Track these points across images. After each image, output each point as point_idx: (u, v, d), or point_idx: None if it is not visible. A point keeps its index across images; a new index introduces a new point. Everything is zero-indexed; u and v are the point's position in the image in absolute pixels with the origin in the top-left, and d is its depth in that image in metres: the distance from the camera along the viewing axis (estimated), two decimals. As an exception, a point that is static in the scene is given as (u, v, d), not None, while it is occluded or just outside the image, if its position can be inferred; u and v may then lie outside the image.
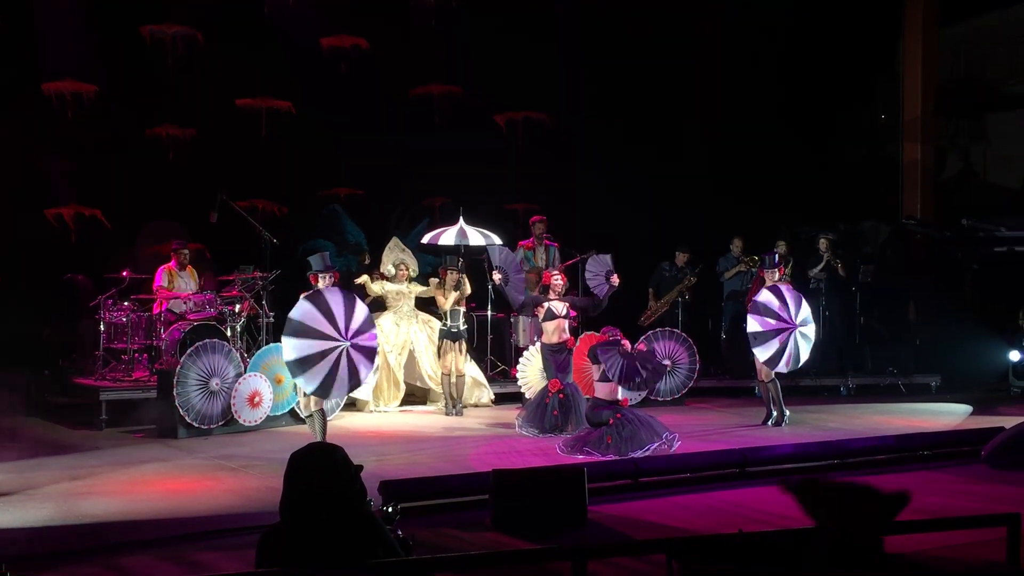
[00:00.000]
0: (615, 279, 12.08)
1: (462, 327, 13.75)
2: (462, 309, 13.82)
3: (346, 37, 17.94)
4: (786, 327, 12.27)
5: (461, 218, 14.82)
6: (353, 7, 17.72)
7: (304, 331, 9.89)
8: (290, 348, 9.91)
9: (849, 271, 16.20)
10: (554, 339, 12.21)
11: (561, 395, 12.00)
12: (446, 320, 13.72)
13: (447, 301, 13.74)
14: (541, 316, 12.30)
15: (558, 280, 12.44)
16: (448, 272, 13.82)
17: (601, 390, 10.98)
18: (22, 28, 15.61)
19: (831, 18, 19.06)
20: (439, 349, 13.85)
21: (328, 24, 17.77)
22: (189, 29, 16.87)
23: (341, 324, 9.99)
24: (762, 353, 12.33)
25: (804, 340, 12.44)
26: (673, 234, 16.45)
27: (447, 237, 14.81)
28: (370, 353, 10.37)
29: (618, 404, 10.94)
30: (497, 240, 14.69)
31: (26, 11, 15.65)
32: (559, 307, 12.22)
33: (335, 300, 10.10)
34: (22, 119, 15.64)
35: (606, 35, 18.05)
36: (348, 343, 10.01)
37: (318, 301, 10.03)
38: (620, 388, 10.95)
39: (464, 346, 13.83)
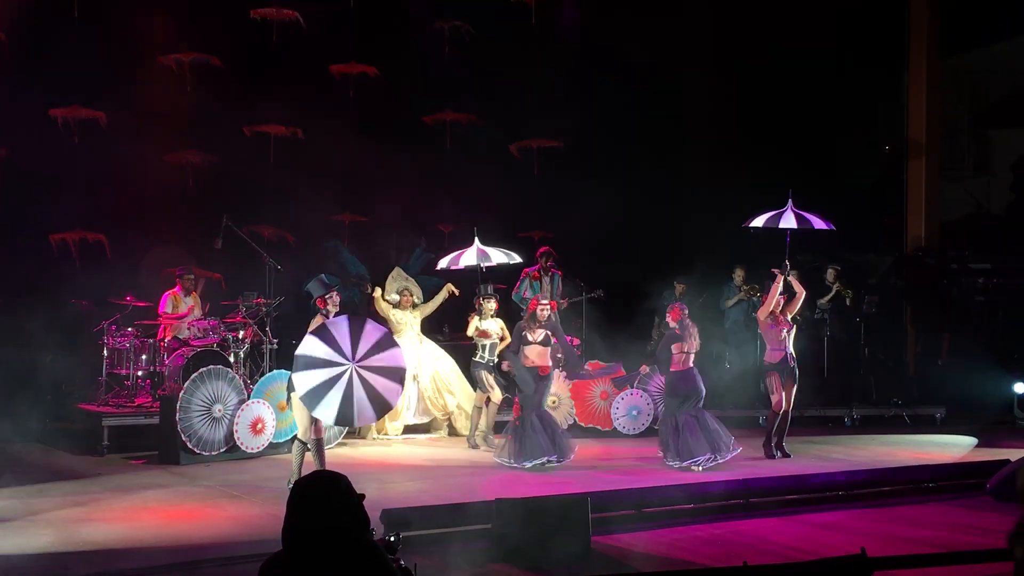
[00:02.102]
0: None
1: (496, 359, 13.11)
2: (499, 341, 13.24)
3: (355, 64, 18.02)
4: None
5: (476, 238, 13.99)
6: (364, 35, 17.79)
7: (308, 363, 9.79)
8: (299, 383, 9.80)
9: (856, 301, 16.21)
10: (528, 362, 11.89)
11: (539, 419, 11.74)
12: (483, 353, 13.14)
13: (471, 328, 13.33)
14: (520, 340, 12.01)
15: (545, 310, 12.04)
16: (484, 300, 13.30)
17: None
18: (31, 52, 15.66)
19: (836, 48, 19.12)
20: (474, 381, 13.28)
21: (338, 52, 17.84)
22: (200, 56, 16.92)
23: (346, 348, 9.87)
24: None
25: None
26: (676, 262, 16.47)
27: (467, 258, 13.96)
28: (394, 374, 10.01)
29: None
30: (517, 258, 14.20)
31: (37, 36, 15.70)
32: (539, 335, 11.92)
33: (339, 328, 9.98)
34: (30, 142, 15.67)
35: (612, 64, 18.13)
36: (353, 364, 9.93)
37: (322, 333, 9.96)
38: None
39: (497, 377, 13.20)
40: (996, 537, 8.64)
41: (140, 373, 13.62)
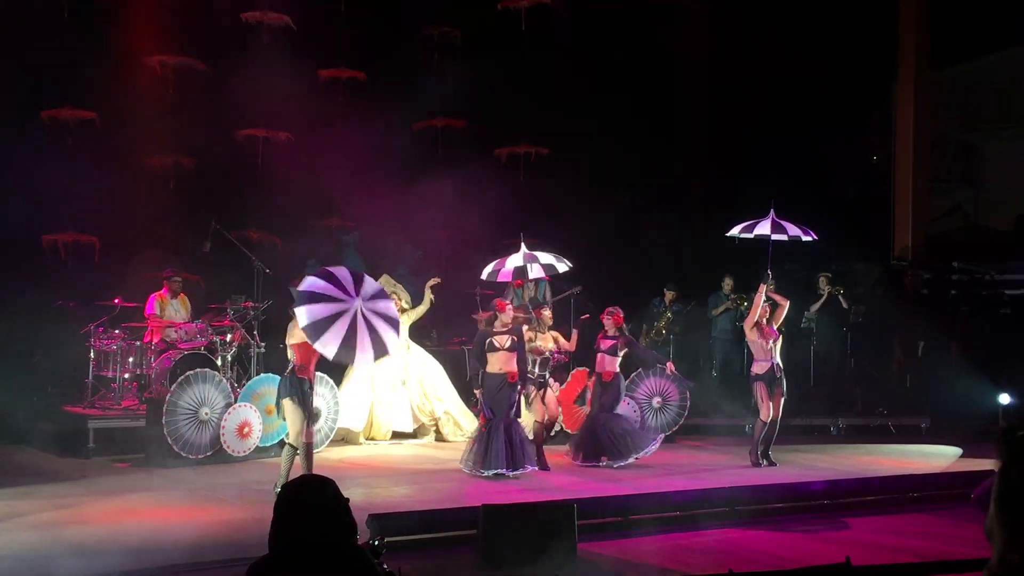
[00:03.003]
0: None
1: (547, 376, 12.54)
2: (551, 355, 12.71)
3: (344, 69, 18.02)
4: None
5: (523, 244, 13.22)
6: (354, 40, 17.79)
7: (312, 297, 9.47)
8: (302, 315, 9.43)
9: (848, 304, 16.31)
10: (495, 368, 11.64)
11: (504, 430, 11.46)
12: (532, 368, 12.38)
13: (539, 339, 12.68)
14: (485, 347, 11.76)
15: (509, 313, 11.87)
16: (542, 311, 12.87)
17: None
18: (22, 54, 15.61)
19: (825, 59, 19.19)
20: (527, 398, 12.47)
21: (327, 56, 17.84)
22: (190, 59, 16.89)
23: (349, 288, 9.58)
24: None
25: None
26: (666, 270, 16.50)
27: (513, 262, 13.14)
28: (391, 321, 9.78)
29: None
30: (568, 264, 13.46)
31: (28, 37, 15.65)
32: (502, 340, 11.68)
33: (340, 271, 9.81)
34: (23, 144, 15.62)
35: (602, 71, 18.19)
36: (360, 301, 9.52)
37: (323, 273, 9.75)
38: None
39: (549, 393, 12.64)
40: (980, 548, 8.68)
41: (127, 375, 13.57)
